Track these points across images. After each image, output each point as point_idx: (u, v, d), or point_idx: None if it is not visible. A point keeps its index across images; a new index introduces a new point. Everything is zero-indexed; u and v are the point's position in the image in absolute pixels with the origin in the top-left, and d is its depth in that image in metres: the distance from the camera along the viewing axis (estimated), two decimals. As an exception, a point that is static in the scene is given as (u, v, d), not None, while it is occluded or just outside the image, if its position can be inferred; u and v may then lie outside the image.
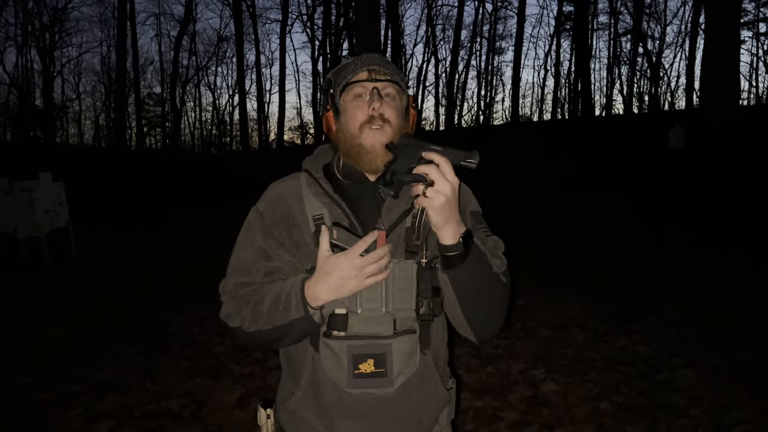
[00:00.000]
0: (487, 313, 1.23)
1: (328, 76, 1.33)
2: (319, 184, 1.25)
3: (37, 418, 3.26)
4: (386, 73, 1.25)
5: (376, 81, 1.23)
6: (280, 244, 1.25)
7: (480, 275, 1.18)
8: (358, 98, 1.23)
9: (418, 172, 1.06)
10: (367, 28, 10.98)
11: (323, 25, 33.95)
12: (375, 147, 1.21)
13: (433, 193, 1.05)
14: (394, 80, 1.26)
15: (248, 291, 1.22)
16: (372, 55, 1.28)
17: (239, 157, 27.48)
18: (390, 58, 15.22)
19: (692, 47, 27.74)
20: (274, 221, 1.26)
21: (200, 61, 40.10)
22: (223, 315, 1.24)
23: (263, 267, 1.24)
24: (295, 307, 1.13)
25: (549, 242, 7.70)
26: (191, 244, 8.61)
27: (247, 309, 1.19)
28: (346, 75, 1.26)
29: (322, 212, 1.23)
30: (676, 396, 3.25)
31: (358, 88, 1.23)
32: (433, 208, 1.06)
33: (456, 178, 1.07)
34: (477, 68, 39.55)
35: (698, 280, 5.50)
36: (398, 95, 1.27)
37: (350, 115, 1.23)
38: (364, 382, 1.16)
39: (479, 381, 3.59)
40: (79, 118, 41.79)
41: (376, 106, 1.21)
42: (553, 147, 16.36)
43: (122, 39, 26.66)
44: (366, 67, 1.24)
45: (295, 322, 1.13)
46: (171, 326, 4.82)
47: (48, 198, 7.64)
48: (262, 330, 1.17)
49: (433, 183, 1.05)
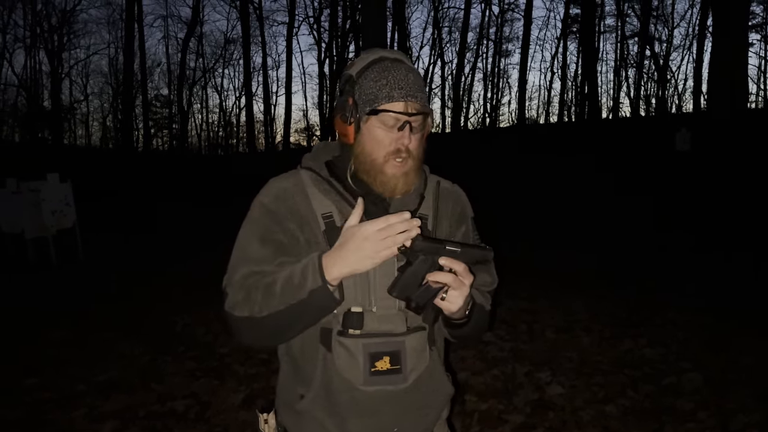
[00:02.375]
0: (472, 340, 1.31)
1: (351, 74, 1.22)
2: (328, 182, 1.24)
3: (41, 417, 3.27)
4: (421, 105, 1.18)
5: (411, 115, 1.17)
6: (296, 239, 1.21)
7: (476, 326, 1.26)
8: (389, 127, 1.17)
9: (436, 281, 1.07)
10: (373, 30, 10.97)
11: (330, 28, 34.04)
12: (396, 176, 1.19)
13: (453, 298, 1.10)
14: (426, 111, 1.20)
15: (259, 278, 1.15)
16: (407, 78, 1.18)
17: (245, 159, 27.53)
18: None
19: (700, 50, 27.65)
20: (285, 215, 1.21)
21: (207, 63, 40.28)
22: (228, 306, 1.16)
23: (276, 258, 1.18)
24: (312, 278, 1.06)
25: (553, 244, 7.67)
26: (197, 244, 8.61)
27: (257, 293, 1.12)
28: (378, 96, 1.16)
29: (331, 210, 1.21)
30: (683, 400, 3.23)
31: (391, 120, 1.16)
32: (451, 309, 1.12)
33: (472, 278, 1.10)
34: (483, 71, 39.55)
35: (704, 284, 5.47)
36: (425, 122, 1.22)
37: (376, 140, 1.18)
38: (381, 380, 1.16)
39: (484, 383, 3.57)
40: (86, 119, 42.11)
41: (406, 142, 1.17)
42: (558, 149, 16.31)
43: (130, 41, 26.72)
44: (404, 98, 1.16)
45: (313, 295, 1.07)
46: (176, 327, 4.83)
47: (55, 198, 7.66)
48: (274, 313, 1.10)
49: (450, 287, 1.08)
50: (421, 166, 1.26)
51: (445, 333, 1.30)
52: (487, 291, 1.36)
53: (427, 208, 1.27)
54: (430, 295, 1.07)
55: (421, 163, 1.25)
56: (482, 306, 1.28)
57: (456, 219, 1.34)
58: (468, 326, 1.23)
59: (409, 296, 1.07)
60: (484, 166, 15.48)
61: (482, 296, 1.31)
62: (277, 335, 1.18)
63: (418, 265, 1.06)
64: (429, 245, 1.05)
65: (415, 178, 1.23)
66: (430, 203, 1.28)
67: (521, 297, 5.31)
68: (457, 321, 1.21)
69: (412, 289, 1.07)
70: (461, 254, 1.07)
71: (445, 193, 1.33)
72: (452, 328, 1.25)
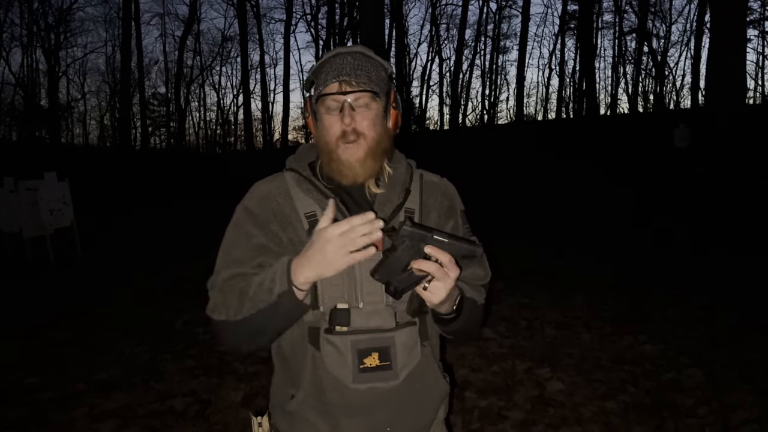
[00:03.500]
0: (468, 336, 1.33)
1: (310, 76, 1.28)
2: (310, 182, 1.24)
3: (42, 417, 3.27)
4: (358, 82, 1.19)
5: (346, 93, 1.18)
6: (279, 241, 1.22)
7: (468, 320, 1.24)
8: (331, 111, 1.19)
9: (419, 268, 1.05)
10: (371, 27, 10.98)
11: (327, 25, 34.03)
12: (351, 162, 1.19)
13: (435, 289, 1.07)
14: (366, 89, 1.19)
15: (238, 281, 1.17)
16: (343, 61, 1.21)
17: (242, 157, 27.50)
18: (394, 58, 15.22)
19: (697, 46, 27.73)
20: (268, 218, 1.23)
21: (204, 61, 40.32)
22: (208, 309, 1.19)
23: (258, 261, 1.20)
24: (280, 282, 1.07)
25: (551, 241, 7.68)
26: (196, 243, 8.60)
27: (233, 296, 1.14)
28: (319, 84, 1.21)
29: (314, 209, 1.21)
30: (683, 396, 3.23)
31: (330, 101, 1.19)
32: (432, 300, 1.09)
33: (458, 271, 1.08)
34: (481, 67, 39.64)
35: (703, 280, 5.48)
36: (373, 101, 1.21)
37: (325, 127, 1.21)
38: (370, 377, 1.15)
39: (484, 380, 3.57)
40: (84, 118, 42.13)
41: (347, 121, 1.17)
42: (557, 146, 16.32)
43: (127, 39, 26.67)
44: (336, 78, 1.18)
45: (280, 299, 1.07)
46: (176, 325, 4.82)
47: (53, 197, 7.64)
48: (247, 317, 1.11)
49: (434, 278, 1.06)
50: (384, 151, 1.24)
51: (438, 329, 1.28)
52: (480, 284, 1.33)
53: (413, 202, 1.27)
54: (411, 282, 1.06)
55: (385, 147, 1.24)
56: (474, 300, 1.26)
57: (444, 212, 1.33)
58: (458, 321, 1.21)
59: (390, 280, 1.06)
60: (482, 162, 15.47)
61: (474, 290, 1.29)
62: (253, 339, 1.18)
63: (403, 250, 1.04)
64: (416, 231, 1.04)
65: (375, 164, 1.22)
66: (416, 197, 1.28)
67: (521, 293, 5.32)
68: (446, 316, 1.18)
69: (394, 274, 1.06)
70: (447, 245, 1.05)
71: (431, 186, 1.33)
72: (442, 323, 1.23)
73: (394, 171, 1.28)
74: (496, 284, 5.36)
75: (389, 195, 1.24)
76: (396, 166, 1.30)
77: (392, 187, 1.26)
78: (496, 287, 5.35)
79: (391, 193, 1.25)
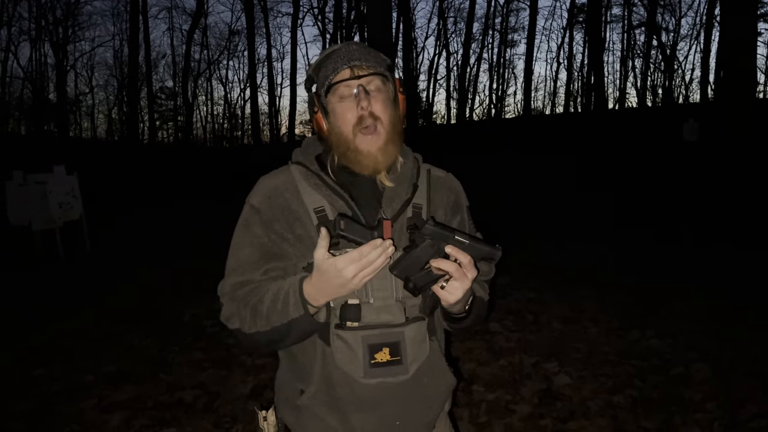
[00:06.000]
0: (469, 329, 1.33)
1: (309, 73, 1.28)
2: (318, 176, 1.24)
3: (50, 408, 3.29)
4: (369, 66, 1.20)
5: (360, 77, 1.19)
6: (283, 239, 1.22)
7: (476, 319, 1.27)
8: (345, 99, 1.19)
9: (438, 267, 1.06)
10: (378, 20, 10.91)
11: (334, 19, 33.89)
12: (371, 152, 1.19)
13: (453, 289, 1.09)
14: (378, 72, 1.21)
15: (247, 291, 1.19)
16: (350, 48, 1.22)
17: (250, 150, 27.53)
18: (401, 52, 15.12)
19: (707, 39, 27.51)
20: (274, 216, 1.22)
21: (212, 54, 40.35)
22: (223, 317, 1.22)
23: (263, 264, 1.21)
24: (294, 307, 1.10)
25: (559, 236, 7.65)
26: (204, 236, 8.63)
27: (246, 310, 1.16)
28: (328, 74, 1.21)
29: (323, 204, 1.21)
30: (691, 390, 3.22)
31: (343, 89, 1.19)
32: (449, 299, 1.11)
33: (475, 272, 1.10)
34: (489, 61, 39.44)
35: (710, 275, 5.44)
36: (384, 85, 1.22)
37: (340, 116, 1.20)
38: (381, 372, 1.15)
39: (492, 374, 3.58)
40: (92, 111, 42.22)
41: (365, 105, 1.17)
42: (565, 140, 16.25)
43: (134, 33, 26.66)
44: (347, 64, 1.19)
45: (294, 322, 1.11)
46: (184, 318, 4.84)
47: (62, 191, 7.68)
48: (261, 332, 1.14)
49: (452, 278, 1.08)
50: (400, 134, 1.25)
51: (444, 325, 1.30)
52: (484, 280, 1.35)
53: (420, 198, 1.26)
54: (429, 280, 1.07)
55: (400, 130, 1.24)
56: (482, 299, 1.27)
57: (451, 208, 1.33)
58: (467, 320, 1.24)
59: (409, 276, 1.07)
60: (489, 156, 15.43)
61: (481, 287, 1.30)
62: (269, 346, 1.22)
63: (424, 248, 1.06)
64: (438, 231, 1.06)
65: (394, 151, 1.23)
66: (423, 192, 1.27)
67: (528, 288, 5.31)
68: (457, 315, 1.20)
69: (413, 271, 1.07)
70: (468, 247, 1.07)
71: (437, 181, 1.33)
72: (452, 321, 1.25)
73: (402, 165, 1.29)
74: (502, 278, 5.38)
75: (397, 190, 1.24)
76: (404, 160, 1.30)
77: (400, 183, 1.25)
78: (503, 281, 5.35)
79: (399, 188, 1.25)
